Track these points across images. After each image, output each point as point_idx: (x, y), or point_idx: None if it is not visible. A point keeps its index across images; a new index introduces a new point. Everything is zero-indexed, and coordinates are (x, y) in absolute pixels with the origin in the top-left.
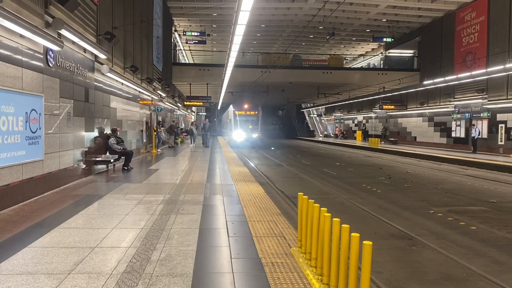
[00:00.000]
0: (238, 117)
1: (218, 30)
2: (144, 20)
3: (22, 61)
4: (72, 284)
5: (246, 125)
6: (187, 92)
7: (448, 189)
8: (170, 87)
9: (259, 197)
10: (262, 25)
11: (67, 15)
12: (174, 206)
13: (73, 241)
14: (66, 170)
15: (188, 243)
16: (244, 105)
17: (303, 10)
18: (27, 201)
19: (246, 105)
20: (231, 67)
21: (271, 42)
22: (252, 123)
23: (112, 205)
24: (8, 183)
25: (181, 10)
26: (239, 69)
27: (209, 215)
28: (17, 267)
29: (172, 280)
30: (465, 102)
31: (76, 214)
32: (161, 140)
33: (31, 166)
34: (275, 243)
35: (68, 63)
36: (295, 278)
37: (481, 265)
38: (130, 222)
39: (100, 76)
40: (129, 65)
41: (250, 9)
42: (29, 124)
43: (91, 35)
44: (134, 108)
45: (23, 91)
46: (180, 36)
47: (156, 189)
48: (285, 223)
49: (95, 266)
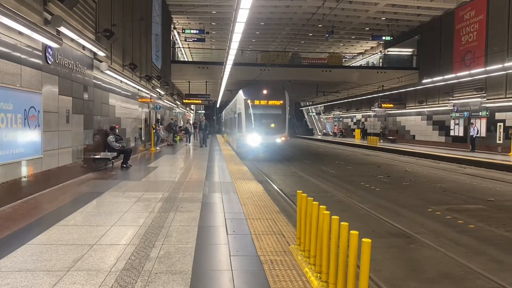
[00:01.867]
0: (252, 110)
1: (217, 28)
2: (143, 17)
3: (21, 58)
4: (71, 281)
5: (265, 122)
6: (186, 90)
7: (446, 187)
8: (169, 85)
9: (258, 195)
10: (261, 23)
11: (66, 12)
12: (173, 204)
13: (72, 238)
14: (65, 167)
15: (187, 240)
16: (263, 90)
17: (302, 8)
18: (25, 198)
19: (265, 90)
20: (230, 65)
21: (270, 40)
22: (275, 119)
23: (111, 203)
24: (7, 180)
25: (180, 8)
26: (238, 67)
27: (208, 213)
28: (16, 264)
29: (171, 278)
30: (464, 101)
31: (75, 212)
32: (160, 138)
33: (30, 163)
34: (274, 241)
35: (67, 60)
36: (294, 275)
37: (480, 263)
38: (129, 219)
39: (99, 74)
40: (128, 62)
41: (250, 7)
42: (28, 121)
43: (90, 32)
44: (133, 106)
45: (22, 88)
46: (179, 34)
47: (155, 186)
48: (284, 221)
49: (94, 264)
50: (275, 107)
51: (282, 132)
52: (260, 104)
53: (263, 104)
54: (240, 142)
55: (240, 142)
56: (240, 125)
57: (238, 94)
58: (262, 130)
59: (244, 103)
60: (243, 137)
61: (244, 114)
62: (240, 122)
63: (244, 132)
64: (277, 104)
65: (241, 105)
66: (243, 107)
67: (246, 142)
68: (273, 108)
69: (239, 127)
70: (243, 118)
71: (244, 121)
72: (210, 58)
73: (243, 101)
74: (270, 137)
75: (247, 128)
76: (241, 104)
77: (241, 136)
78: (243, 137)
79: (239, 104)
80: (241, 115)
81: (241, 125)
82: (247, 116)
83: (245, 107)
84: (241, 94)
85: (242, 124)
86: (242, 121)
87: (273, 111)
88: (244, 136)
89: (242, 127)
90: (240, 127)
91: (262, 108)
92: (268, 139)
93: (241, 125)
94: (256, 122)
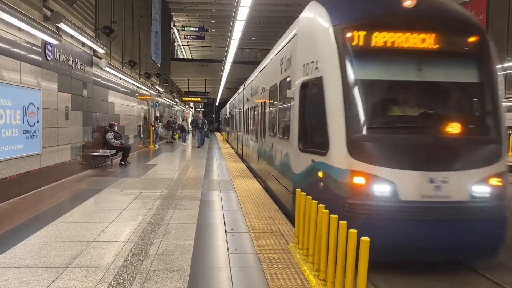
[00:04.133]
0: (363, 68)
1: (217, 25)
2: (143, 14)
3: (20, 55)
4: (70, 278)
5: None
6: (185, 87)
7: None
8: (168, 83)
9: (257, 193)
10: (261, 21)
11: (66, 8)
12: (171, 201)
13: (70, 235)
14: (63, 164)
15: (186, 238)
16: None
17: (303, 7)
18: (24, 194)
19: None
20: (229, 63)
21: (270, 39)
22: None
23: (110, 200)
24: (6, 177)
25: (180, 5)
26: (238, 65)
27: (207, 211)
28: (14, 260)
29: (169, 275)
30: None
31: (73, 208)
32: (159, 135)
33: (29, 160)
34: (272, 239)
35: (67, 57)
36: (292, 274)
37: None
38: (127, 216)
39: (99, 71)
40: (127, 59)
41: (250, 5)
42: (27, 118)
43: (90, 29)
44: (132, 103)
45: (21, 84)
46: (178, 31)
47: (154, 184)
48: (283, 219)
49: (92, 260)
50: (457, 55)
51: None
52: (397, 45)
53: (409, 48)
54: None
55: (301, 183)
56: (307, 127)
57: (302, 20)
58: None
59: (332, 47)
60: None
61: (333, 87)
62: (306, 121)
63: (334, 149)
64: (464, 44)
65: (322, 54)
66: (328, 59)
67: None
68: (452, 59)
69: (294, 134)
70: (332, 99)
71: (337, 112)
72: (210, 56)
73: (328, 37)
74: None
75: (341, 137)
76: (321, 51)
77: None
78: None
79: (308, 55)
80: (313, 96)
81: (324, 125)
82: (349, 95)
83: (339, 60)
84: (314, 16)
85: (328, 123)
86: (324, 114)
87: (453, 72)
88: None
89: (326, 130)
90: (304, 134)
91: (406, 60)
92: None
93: (326, 127)
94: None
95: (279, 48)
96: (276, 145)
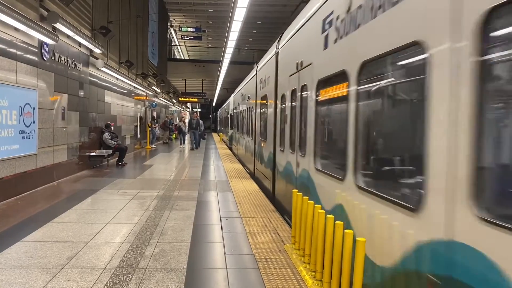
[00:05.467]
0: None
1: (214, 26)
2: (140, 15)
3: (17, 55)
4: (66, 278)
5: None
6: (182, 88)
7: None
8: (165, 83)
9: (253, 194)
10: (258, 22)
11: (62, 9)
12: (168, 202)
13: (66, 235)
14: (59, 164)
15: (182, 238)
16: None
17: (300, 8)
18: (20, 195)
19: None
20: (226, 64)
21: (267, 39)
22: None
23: (106, 200)
24: (2, 177)
25: (177, 6)
26: (235, 65)
27: (203, 211)
28: (10, 261)
29: (165, 275)
30: None
31: (69, 209)
32: (156, 136)
33: (25, 160)
34: (269, 240)
35: (63, 57)
36: (289, 274)
37: None
38: (124, 217)
39: (95, 71)
40: (124, 60)
41: (247, 5)
42: (23, 118)
43: (86, 29)
44: (128, 104)
45: (17, 84)
46: (175, 31)
47: (150, 184)
48: (279, 219)
49: (88, 261)
50: None
51: None
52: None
53: None
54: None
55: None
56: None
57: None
58: None
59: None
60: None
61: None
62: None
63: None
64: None
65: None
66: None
67: None
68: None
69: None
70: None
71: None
72: (207, 56)
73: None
74: None
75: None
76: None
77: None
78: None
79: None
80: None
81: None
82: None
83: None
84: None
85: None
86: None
87: None
88: None
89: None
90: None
91: None
92: None
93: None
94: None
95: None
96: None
